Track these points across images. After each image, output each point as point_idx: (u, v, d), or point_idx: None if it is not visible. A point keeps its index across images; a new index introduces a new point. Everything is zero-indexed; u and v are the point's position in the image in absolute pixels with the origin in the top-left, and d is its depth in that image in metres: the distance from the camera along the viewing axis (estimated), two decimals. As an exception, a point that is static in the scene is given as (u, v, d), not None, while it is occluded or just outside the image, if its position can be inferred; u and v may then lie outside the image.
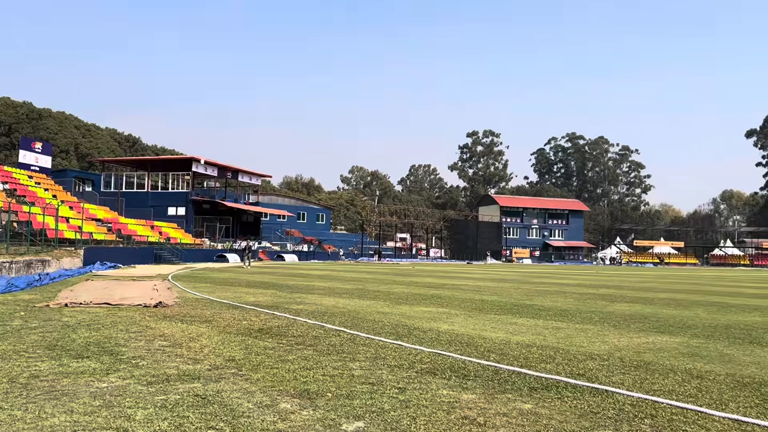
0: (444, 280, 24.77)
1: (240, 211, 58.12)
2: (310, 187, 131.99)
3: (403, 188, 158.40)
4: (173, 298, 13.51)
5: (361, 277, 25.66)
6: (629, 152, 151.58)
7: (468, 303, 13.87)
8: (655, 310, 13.04)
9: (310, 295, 15.41)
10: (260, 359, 6.47)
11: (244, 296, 14.54)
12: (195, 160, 52.59)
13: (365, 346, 7.43)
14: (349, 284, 20.12)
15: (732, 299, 16.88)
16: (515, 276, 30.66)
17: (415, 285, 20.48)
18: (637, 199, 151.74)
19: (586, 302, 14.88)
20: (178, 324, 9.20)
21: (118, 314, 10.31)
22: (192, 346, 7.19)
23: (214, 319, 9.91)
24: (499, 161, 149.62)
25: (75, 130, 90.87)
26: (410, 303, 13.56)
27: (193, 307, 11.71)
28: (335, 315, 10.79)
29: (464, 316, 11.19)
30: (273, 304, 12.71)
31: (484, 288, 19.77)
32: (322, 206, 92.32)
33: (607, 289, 20.86)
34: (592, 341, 8.33)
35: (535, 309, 12.78)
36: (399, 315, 11.02)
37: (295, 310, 11.55)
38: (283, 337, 8.10)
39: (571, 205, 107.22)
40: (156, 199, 53.58)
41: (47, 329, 8.35)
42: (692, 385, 5.61)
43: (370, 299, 14.39)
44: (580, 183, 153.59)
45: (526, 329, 9.44)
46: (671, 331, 9.62)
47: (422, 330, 9.04)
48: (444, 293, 16.82)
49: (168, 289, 16.33)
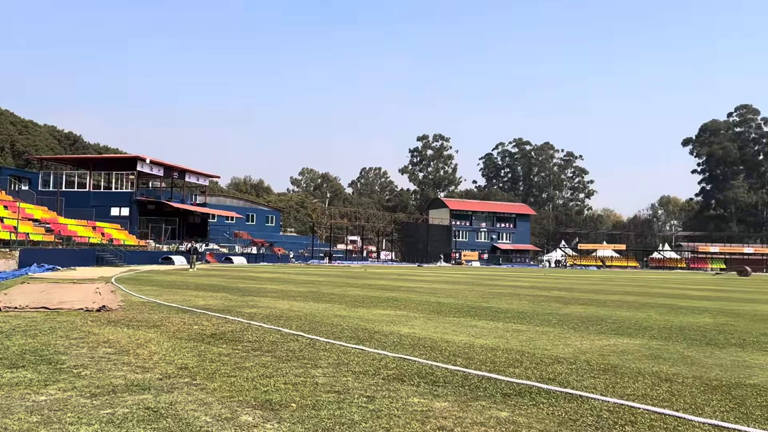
0: (398, 282, 24.58)
1: (187, 212, 56.56)
2: (260, 189, 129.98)
3: (353, 191, 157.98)
4: (117, 302, 12.81)
5: (314, 279, 25.22)
6: (573, 158, 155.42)
7: (425, 306, 13.68)
8: (610, 312, 13.16)
9: (263, 298, 14.93)
10: (215, 367, 6.05)
11: (193, 299, 13.95)
12: (140, 159, 50.85)
13: (326, 352, 7.10)
14: (302, 287, 19.68)
15: (680, 301, 17.28)
16: (467, 278, 30.78)
17: (370, 288, 20.20)
18: (581, 204, 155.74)
19: (541, 304, 14.93)
20: (124, 329, 8.64)
21: (57, 319, 9.64)
22: (140, 353, 6.71)
23: (162, 323, 9.38)
24: (449, 165, 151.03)
25: (11, 126, 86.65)
26: (367, 306, 13.27)
27: (140, 311, 11.10)
28: (291, 319, 10.40)
29: (423, 319, 10.97)
30: (224, 307, 12.20)
31: (439, 290, 19.67)
32: (271, 208, 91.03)
33: (559, 291, 21.10)
34: (555, 344, 8.23)
35: (492, 311, 12.70)
36: (357, 318, 10.71)
37: (249, 314, 11.10)
38: (238, 342, 7.68)
39: (518, 209, 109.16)
40: (98, 199, 51.56)
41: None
42: (663, 389, 5.52)
43: (325, 302, 14.03)
44: (527, 187, 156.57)
45: (488, 332, 9.29)
46: (629, 333, 9.65)
47: (383, 334, 8.76)
48: (400, 296, 16.60)
49: (111, 293, 15.54)
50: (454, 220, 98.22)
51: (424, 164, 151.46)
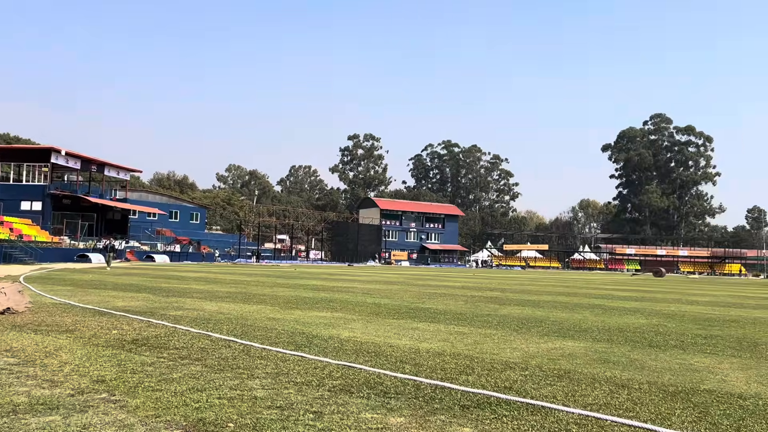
0: (330, 282, 24.01)
1: (106, 207, 53.74)
2: (184, 185, 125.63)
3: (282, 189, 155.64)
4: (24, 303, 11.62)
5: (242, 279, 24.26)
6: (500, 161, 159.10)
7: (362, 307, 13.22)
8: (547, 314, 13.13)
9: (189, 299, 14.03)
10: (138, 379, 5.36)
11: (111, 300, 12.91)
12: (54, 150, 47.82)
13: (263, 360, 6.51)
14: (230, 287, 18.79)
15: (609, 302, 17.61)
16: (400, 278, 30.57)
17: (302, 288, 19.55)
18: (506, 206, 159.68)
19: (477, 305, 14.78)
20: (31, 335, 7.71)
21: (-49, 324, 8.55)
22: (48, 364, 5.89)
23: (76, 328, 8.47)
24: (379, 165, 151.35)
25: None
26: (301, 308, 12.67)
27: (50, 314, 10.07)
28: (221, 322, 9.68)
29: (362, 321, 10.50)
30: (147, 309, 11.30)
31: (374, 291, 19.26)
32: (196, 205, 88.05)
33: (491, 291, 21.15)
34: (501, 347, 7.96)
35: (431, 313, 12.39)
36: (293, 321, 10.12)
37: (174, 316, 10.28)
38: (164, 349, 6.96)
39: (447, 210, 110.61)
40: (7, 192, 48.17)
41: None
42: (623, 397, 5.28)
43: (256, 303, 13.31)
44: (455, 189, 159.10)
45: (431, 335, 8.93)
46: (571, 335, 9.54)
47: (322, 338, 8.23)
48: (335, 296, 16.07)
49: (19, 293, 14.17)
50: (385, 219, 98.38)
51: (355, 164, 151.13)
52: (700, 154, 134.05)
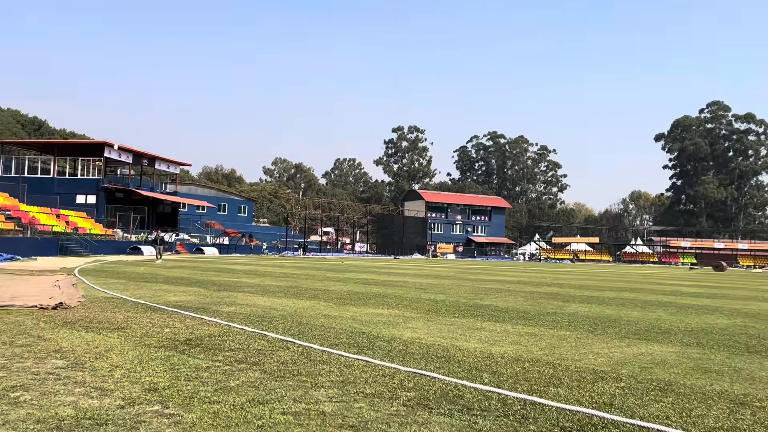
0: (380, 276, 23.49)
1: (156, 200, 54.59)
2: (231, 179, 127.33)
3: (327, 182, 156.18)
4: (78, 298, 11.47)
5: (292, 272, 23.97)
6: (547, 152, 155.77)
7: (419, 303, 12.61)
8: (616, 312, 12.25)
9: (240, 293, 13.69)
10: (193, 387, 4.88)
11: (163, 295, 12.65)
12: (107, 144, 48.76)
13: (325, 365, 5.96)
14: (281, 281, 18.45)
15: (679, 299, 16.52)
16: (449, 272, 29.83)
17: (353, 282, 19.07)
18: (554, 198, 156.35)
19: (539, 302, 13.99)
20: (82, 333, 7.38)
21: (3, 319, 8.32)
22: (98, 368, 5.48)
23: (128, 325, 8.12)
24: (424, 157, 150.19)
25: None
26: (356, 304, 12.14)
27: (102, 309, 9.80)
28: (276, 320, 9.22)
29: (423, 320, 9.89)
30: (199, 305, 10.95)
31: (426, 285, 18.62)
32: (244, 198, 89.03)
33: (549, 287, 20.24)
34: (582, 352, 7.23)
35: (492, 311, 11.68)
36: (350, 319, 9.58)
37: (227, 313, 9.88)
38: (219, 351, 6.50)
39: (493, 202, 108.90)
40: (63, 185, 49.35)
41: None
42: (749, 419, 4.51)
43: (309, 299, 12.86)
44: (500, 181, 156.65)
45: (500, 337, 8.25)
46: (654, 337, 8.71)
47: (384, 339, 7.65)
48: (388, 291, 15.50)
49: (72, 286, 14.15)
50: (430, 212, 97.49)
51: (399, 156, 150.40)
52: (761, 142, 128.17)
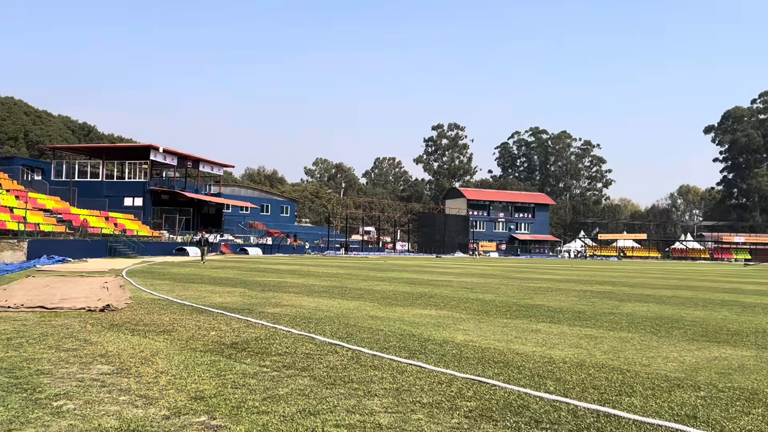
0: (424, 275, 23.12)
1: (201, 202, 55.42)
2: (273, 179, 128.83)
3: (367, 181, 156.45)
4: (125, 299, 11.47)
5: (335, 272, 23.82)
6: (591, 147, 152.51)
7: (467, 303, 12.21)
8: (678, 312, 11.60)
9: (285, 294, 13.53)
10: (240, 396, 4.63)
11: (208, 296, 12.58)
12: (153, 148, 49.70)
13: (377, 370, 5.66)
14: (324, 280, 18.27)
15: (742, 297, 15.65)
16: (494, 270, 29.24)
17: (397, 281, 18.76)
18: (598, 194, 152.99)
19: (592, 301, 13.41)
20: (128, 336, 7.26)
21: (52, 322, 8.30)
22: (143, 374, 5.30)
23: (174, 328, 7.99)
24: (464, 155, 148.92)
25: (24, 116, 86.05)
26: (403, 304, 11.82)
27: (148, 311, 9.74)
28: (322, 321, 8.98)
29: (473, 321, 9.50)
30: (244, 306, 10.81)
31: (473, 284, 18.17)
32: (286, 198, 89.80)
33: (600, 285, 19.52)
34: (649, 356, 6.74)
35: (545, 311, 11.20)
36: (397, 320, 9.27)
37: (273, 314, 9.69)
38: (265, 355, 6.26)
39: (536, 199, 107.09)
40: (111, 188, 50.56)
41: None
42: None
43: (354, 299, 12.60)
44: (543, 177, 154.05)
45: (557, 339, 7.81)
46: (725, 339, 8.12)
47: (436, 342, 7.31)
48: (434, 291, 15.13)
49: (120, 288, 14.24)
50: (472, 210, 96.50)
51: (439, 154, 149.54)
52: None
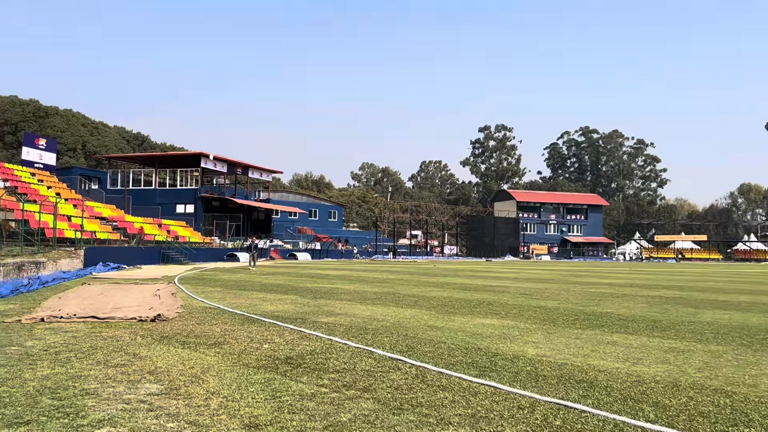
0: (477, 280, 22.39)
1: (251, 208, 55.93)
2: (321, 185, 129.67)
3: (414, 185, 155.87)
4: (176, 308, 11.24)
5: (386, 277, 23.32)
6: (644, 146, 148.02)
7: (530, 312, 11.50)
8: (766, 321, 10.61)
9: (338, 301, 13.10)
10: (299, 423, 4.14)
11: (260, 304, 12.25)
12: (203, 155, 50.44)
13: (446, 391, 5.10)
14: (376, 286, 17.79)
15: (830, 303, 14.39)
16: (550, 275, 28.21)
17: (450, 287, 18.13)
18: (653, 194, 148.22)
19: (664, 308, 12.48)
20: (178, 350, 6.91)
21: (102, 334, 8.05)
22: (194, 394, 4.89)
23: (225, 340, 7.61)
24: (512, 156, 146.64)
25: (82, 127, 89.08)
26: (461, 312, 11.20)
27: (199, 321, 9.43)
28: (379, 332, 8.46)
29: (541, 331, 8.82)
30: (297, 315, 10.40)
31: (531, 290, 17.38)
32: (333, 203, 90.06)
33: (668, 290, 18.41)
34: (751, 374, 5.95)
35: (617, 320, 10.40)
36: (459, 331, 8.67)
37: (326, 324, 9.23)
38: (323, 372, 5.79)
39: (589, 200, 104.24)
40: (164, 196, 51.52)
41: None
42: None
43: (410, 307, 12.05)
44: (594, 177, 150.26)
45: (640, 353, 7.07)
46: (832, 354, 7.21)
47: (506, 357, 6.69)
48: (491, 298, 14.44)
49: (172, 295, 14.10)
50: (522, 212, 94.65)
51: (487, 156, 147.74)
52: None
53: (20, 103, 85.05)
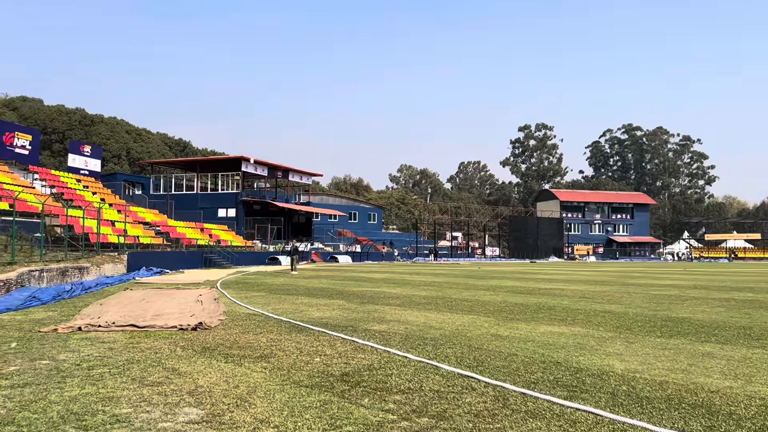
0: (527, 282, 21.34)
1: (291, 211, 55.76)
2: (359, 187, 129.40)
3: (452, 186, 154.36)
4: (218, 315, 10.65)
5: (432, 280, 22.47)
6: (690, 142, 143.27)
7: (598, 317, 10.51)
8: None
9: (387, 306, 12.33)
10: (368, 463, 3.38)
11: (306, 310, 11.58)
12: (244, 159, 50.44)
13: (537, 419, 4.26)
14: (423, 290, 16.97)
15: None
16: (603, 276, 26.89)
17: (502, 290, 17.18)
18: (700, 191, 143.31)
19: (746, 312, 11.32)
20: (221, 364, 6.23)
21: (140, 345, 7.45)
22: (239, 423, 4.17)
23: (272, 352, 6.91)
24: (553, 155, 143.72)
25: (126, 134, 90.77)
26: (522, 318, 10.30)
27: (243, 329, 8.78)
28: (439, 342, 7.65)
29: (620, 341, 7.87)
30: (346, 322, 9.67)
31: (589, 293, 16.29)
32: (373, 205, 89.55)
33: (739, 292, 17.07)
34: None
35: (698, 326, 9.34)
36: (528, 341, 7.80)
37: (380, 333, 8.46)
38: (386, 392, 5.01)
39: (635, 199, 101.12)
40: (206, 200, 51.74)
41: (25, 378, 5.50)
42: None
43: (465, 312, 11.20)
44: (639, 176, 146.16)
45: (748, 368, 6.08)
46: None
47: (592, 373, 5.80)
48: (550, 302, 13.46)
49: (214, 301, 13.57)
50: (565, 212, 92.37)
51: (527, 155, 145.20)
52: None
53: (67, 111, 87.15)
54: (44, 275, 17.74)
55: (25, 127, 41.04)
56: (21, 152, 37.33)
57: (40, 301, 13.28)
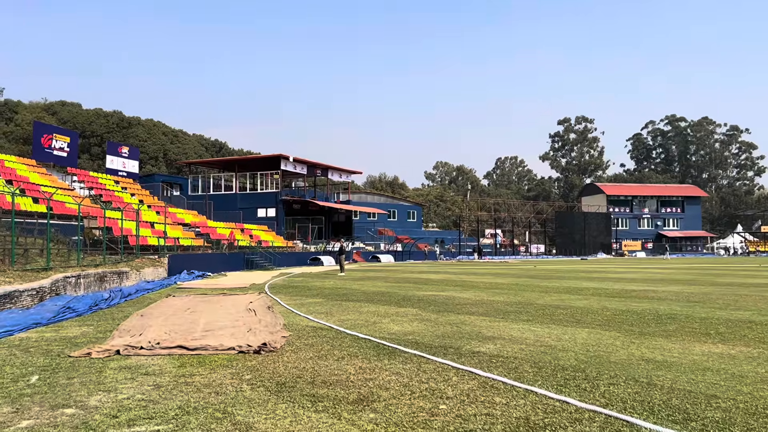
0: (604, 283, 19.20)
1: (331, 210, 54.24)
2: (395, 185, 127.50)
3: (489, 182, 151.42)
4: (280, 330, 8.93)
5: (497, 282, 20.47)
6: (738, 132, 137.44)
7: (745, 330, 8.45)
8: None
9: (471, 316, 10.45)
10: None
11: (379, 321, 9.78)
12: (283, 157, 49.07)
13: None
14: (497, 294, 15.02)
15: None
16: (677, 275, 24.49)
17: (589, 293, 15.13)
18: (750, 183, 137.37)
19: None
20: (310, 414, 4.45)
21: (195, 378, 5.73)
22: None
23: (372, 392, 5.10)
24: (595, 149, 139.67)
25: (163, 136, 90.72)
26: (657, 334, 8.29)
27: (318, 352, 7.01)
28: (587, 373, 5.73)
29: (829, 370, 5.85)
30: (439, 340, 7.81)
31: (694, 296, 14.10)
32: (412, 203, 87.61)
33: None
34: None
35: None
36: (698, 369, 5.82)
37: (495, 358, 6.58)
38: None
39: (686, 191, 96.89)
40: (245, 200, 50.57)
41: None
42: None
43: (573, 325, 9.24)
44: (683, 168, 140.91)
45: None
46: None
47: None
48: (663, 309, 11.36)
49: (268, 310, 11.87)
50: (612, 206, 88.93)
51: (567, 149, 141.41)
52: None
53: (104, 114, 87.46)
54: (81, 281, 16.35)
55: (63, 129, 40.30)
56: (59, 154, 36.54)
57: (75, 312, 11.79)
